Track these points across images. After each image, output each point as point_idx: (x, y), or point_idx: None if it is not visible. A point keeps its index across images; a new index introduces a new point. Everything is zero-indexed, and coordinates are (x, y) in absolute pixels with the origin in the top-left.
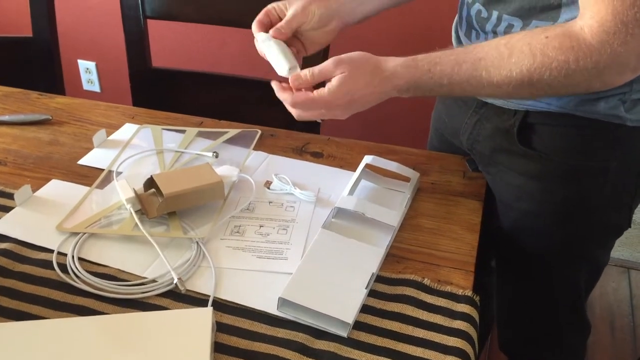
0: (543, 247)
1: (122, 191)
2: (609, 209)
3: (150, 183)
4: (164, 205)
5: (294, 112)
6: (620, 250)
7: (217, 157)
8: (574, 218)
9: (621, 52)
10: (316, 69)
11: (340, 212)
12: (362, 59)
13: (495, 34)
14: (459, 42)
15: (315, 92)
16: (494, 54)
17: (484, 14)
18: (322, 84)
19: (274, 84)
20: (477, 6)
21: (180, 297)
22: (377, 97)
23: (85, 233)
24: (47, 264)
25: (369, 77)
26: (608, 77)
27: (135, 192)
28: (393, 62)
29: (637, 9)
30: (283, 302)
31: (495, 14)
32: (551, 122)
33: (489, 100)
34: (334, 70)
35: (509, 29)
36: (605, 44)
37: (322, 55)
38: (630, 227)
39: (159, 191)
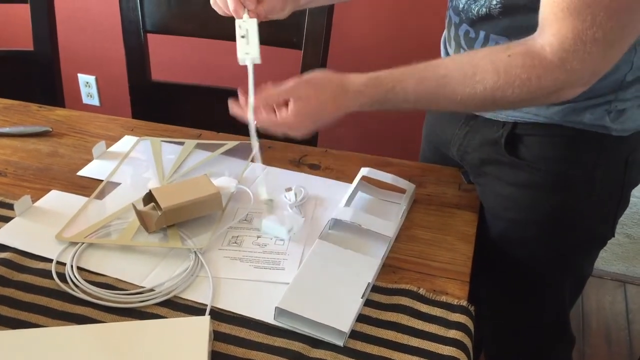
0: (530, 257)
1: (121, 202)
2: (595, 219)
3: (149, 197)
4: (163, 219)
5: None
6: (616, 264)
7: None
8: (561, 227)
9: (578, 69)
10: (282, 89)
11: (337, 223)
12: (325, 79)
13: None
14: None
15: (279, 115)
16: (458, 71)
17: (472, 34)
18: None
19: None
20: (465, 27)
21: (178, 306)
22: (341, 112)
23: (84, 243)
24: (46, 273)
25: (332, 97)
26: (562, 92)
27: (134, 206)
28: (357, 80)
29: (596, 29)
30: (280, 312)
31: (482, 34)
32: (539, 132)
33: (479, 113)
34: (298, 90)
35: None
36: (564, 62)
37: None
38: (613, 236)
39: (157, 205)
